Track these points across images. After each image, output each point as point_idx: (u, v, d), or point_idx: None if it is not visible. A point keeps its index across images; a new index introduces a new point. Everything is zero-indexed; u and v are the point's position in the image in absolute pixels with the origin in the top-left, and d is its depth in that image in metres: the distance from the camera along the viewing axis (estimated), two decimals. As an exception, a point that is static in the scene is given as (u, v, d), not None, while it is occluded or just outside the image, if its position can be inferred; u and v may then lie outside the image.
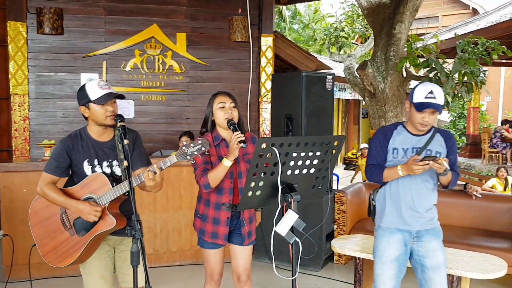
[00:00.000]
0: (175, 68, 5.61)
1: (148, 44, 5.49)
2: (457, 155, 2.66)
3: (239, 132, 2.44)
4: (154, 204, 4.51)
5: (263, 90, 5.80)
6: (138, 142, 2.54)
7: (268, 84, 5.68)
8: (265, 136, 5.70)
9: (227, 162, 2.42)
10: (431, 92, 2.43)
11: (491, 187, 7.67)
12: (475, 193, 4.46)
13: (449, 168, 2.39)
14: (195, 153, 2.17)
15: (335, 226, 4.73)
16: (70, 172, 2.48)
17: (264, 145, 1.98)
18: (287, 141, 2.02)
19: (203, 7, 5.68)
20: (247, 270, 2.75)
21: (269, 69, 5.81)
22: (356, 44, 9.67)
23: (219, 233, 2.61)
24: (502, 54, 6.31)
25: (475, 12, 19.76)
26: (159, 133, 5.49)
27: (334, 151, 2.18)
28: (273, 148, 1.97)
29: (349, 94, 12.99)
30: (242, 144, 2.38)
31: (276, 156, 1.97)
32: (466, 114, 14.48)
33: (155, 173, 2.22)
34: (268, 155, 2.00)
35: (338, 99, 13.63)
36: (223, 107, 2.61)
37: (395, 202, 2.64)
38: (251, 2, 5.64)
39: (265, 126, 5.77)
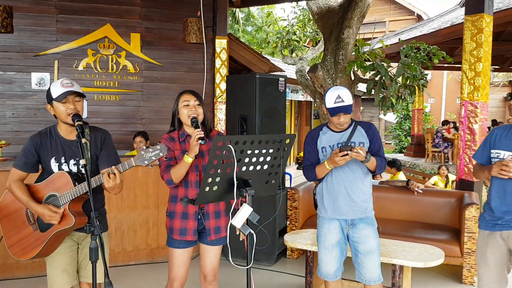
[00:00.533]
0: (129, 68, 5.61)
1: (102, 44, 5.46)
2: (381, 143, 2.95)
3: (199, 129, 2.53)
4: (109, 204, 4.44)
5: (218, 91, 5.90)
6: (107, 141, 2.60)
7: (223, 85, 5.79)
8: (219, 136, 5.81)
9: (188, 159, 2.52)
10: (338, 97, 2.73)
11: (433, 184, 8.14)
12: (416, 189, 4.77)
13: (369, 154, 2.71)
14: (153, 158, 2.25)
15: (288, 222, 4.91)
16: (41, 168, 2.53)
17: (220, 143, 2.10)
18: (242, 139, 2.14)
19: (158, 8, 5.71)
20: (214, 271, 2.80)
21: (224, 71, 5.91)
22: (308, 47, 9.96)
23: (187, 228, 2.66)
24: (442, 59, 6.72)
25: (419, 18, 20.74)
26: (113, 133, 5.38)
27: (285, 148, 2.33)
28: (229, 145, 2.10)
29: (301, 96, 13.30)
30: (200, 141, 2.48)
31: (232, 153, 2.10)
32: (411, 116, 15.17)
33: (114, 174, 2.29)
34: (224, 152, 2.12)
35: (291, 100, 13.92)
36: (187, 105, 2.71)
37: (331, 194, 2.92)
38: (205, 4, 5.72)
39: (220, 127, 5.87)
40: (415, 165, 12.55)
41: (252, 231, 2.18)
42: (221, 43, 5.91)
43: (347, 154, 2.65)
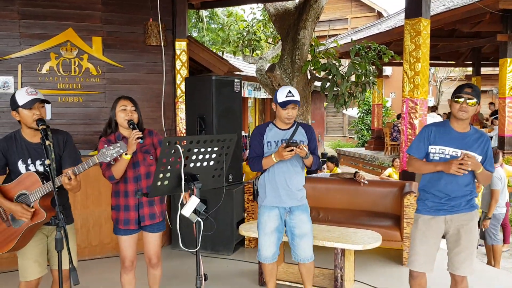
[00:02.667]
0: (91, 71, 5.80)
1: (64, 48, 5.63)
2: (317, 142, 3.39)
3: (137, 130, 2.91)
4: (74, 202, 4.68)
5: (179, 92, 6.15)
6: (68, 142, 2.91)
7: (184, 86, 6.05)
8: (181, 134, 6.07)
9: (126, 156, 2.88)
10: (289, 92, 3.19)
11: (388, 176, 8.63)
12: (362, 180, 5.19)
13: (309, 152, 3.14)
14: (115, 154, 2.61)
15: (245, 214, 5.25)
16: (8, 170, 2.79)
17: (169, 143, 2.40)
18: (189, 139, 2.46)
19: (118, 12, 5.91)
20: (157, 254, 3.22)
21: (184, 72, 6.18)
22: (272, 44, 10.28)
23: (130, 218, 3.06)
24: (391, 58, 7.18)
25: (380, 15, 21.42)
26: (77, 134, 5.65)
27: (229, 146, 2.66)
28: (177, 145, 2.41)
29: (263, 93, 13.66)
30: (139, 140, 2.87)
31: (179, 152, 2.41)
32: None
33: (70, 178, 2.59)
34: (173, 151, 2.42)
35: (255, 98, 14.26)
36: (124, 110, 3.06)
37: (273, 185, 3.31)
38: (165, 8, 5.96)
39: (182, 125, 6.13)
40: (375, 158, 13.12)
41: (199, 219, 2.50)
42: (180, 45, 6.17)
43: (293, 150, 3.04)
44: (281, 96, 3.21)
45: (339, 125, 23.11)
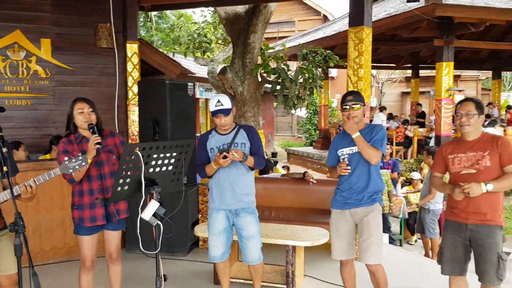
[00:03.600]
0: (40, 73, 5.71)
1: (11, 49, 5.52)
2: (261, 143, 3.52)
3: (97, 135, 3.01)
4: (26, 207, 4.65)
5: (130, 94, 6.17)
6: (10, 151, 2.90)
7: (135, 88, 6.07)
8: (133, 137, 6.09)
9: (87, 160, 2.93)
10: (218, 101, 3.31)
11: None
12: (311, 179, 5.45)
13: (247, 155, 3.28)
14: (77, 167, 2.68)
15: (200, 216, 5.38)
16: None
17: (129, 150, 2.51)
18: (149, 145, 2.57)
19: (68, 14, 5.86)
20: (117, 250, 3.36)
21: (136, 74, 6.20)
22: (222, 44, 10.40)
23: (97, 215, 3.15)
24: (336, 62, 7.53)
25: (325, 18, 22.07)
26: (26, 137, 5.55)
27: (187, 151, 2.79)
28: (137, 151, 2.51)
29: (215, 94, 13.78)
30: (98, 146, 2.97)
31: (140, 158, 2.51)
32: (319, 111, 16.23)
33: (31, 186, 2.64)
34: (133, 157, 2.53)
35: (206, 99, 14.33)
36: (82, 113, 3.13)
37: (219, 188, 3.46)
38: (116, 10, 5.96)
39: (134, 128, 6.15)
40: (322, 157, 13.56)
41: (159, 222, 2.62)
42: (132, 48, 6.19)
43: (227, 156, 3.19)
44: (212, 105, 3.33)
45: (288, 125, 23.61)
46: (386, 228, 6.49)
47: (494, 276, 3.03)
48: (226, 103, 3.30)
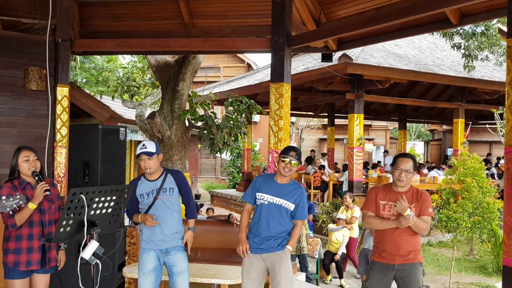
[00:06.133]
0: (-35, 113, 5.63)
1: None
2: (189, 188, 3.80)
3: (44, 182, 3.17)
4: None
5: (58, 136, 6.22)
6: None
7: (64, 130, 6.13)
8: (59, 178, 6.10)
9: (32, 206, 3.12)
10: (143, 145, 3.58)
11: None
12: (235, 221, 5.81)
13: (194, 230, 3.71)
14: (14, 205, 2.84)
15: (126, 257, 5.49)
16: None
17: (74, 194, 2.74)
18: (92, 189, 2.83)
19: (-2, 56, 5.89)
20: None
21: (65, 116, 6.27)
22: (150, 87, 10.65)
23: (33, 260, 3.26)
24: (259, 112, 8.11)
25: (249, 66, 23.15)
26: None
27: (126, 195, 3.07)
28: (81, 195, 2.76)
29: (140, 136, 13.84)
30: (47, 192, 3.13)
31: (83, 202, 2.76)
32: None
33: None
34: (77, 200, 2.76)
35: (131, 140, 14.33)
36: (27, 160, 3.30)
37: (149, 230, 3.67)
38: (49, 54, 6.08)
39: (60, 170, 6.16)
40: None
41: (98, 261, 2.84)
42: (62, 91, 6.29)
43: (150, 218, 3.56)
44: (138, 149, 3.59)
45: (212, 166, 23.93)
46: (304, 268, 6.89)
47: None
48: (151, 147, 3.55)
